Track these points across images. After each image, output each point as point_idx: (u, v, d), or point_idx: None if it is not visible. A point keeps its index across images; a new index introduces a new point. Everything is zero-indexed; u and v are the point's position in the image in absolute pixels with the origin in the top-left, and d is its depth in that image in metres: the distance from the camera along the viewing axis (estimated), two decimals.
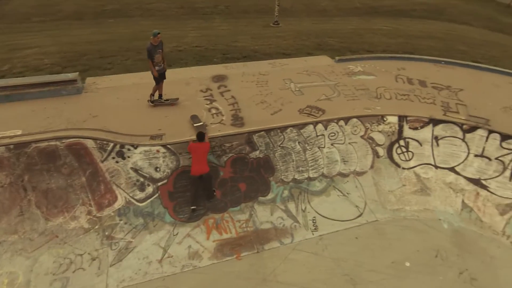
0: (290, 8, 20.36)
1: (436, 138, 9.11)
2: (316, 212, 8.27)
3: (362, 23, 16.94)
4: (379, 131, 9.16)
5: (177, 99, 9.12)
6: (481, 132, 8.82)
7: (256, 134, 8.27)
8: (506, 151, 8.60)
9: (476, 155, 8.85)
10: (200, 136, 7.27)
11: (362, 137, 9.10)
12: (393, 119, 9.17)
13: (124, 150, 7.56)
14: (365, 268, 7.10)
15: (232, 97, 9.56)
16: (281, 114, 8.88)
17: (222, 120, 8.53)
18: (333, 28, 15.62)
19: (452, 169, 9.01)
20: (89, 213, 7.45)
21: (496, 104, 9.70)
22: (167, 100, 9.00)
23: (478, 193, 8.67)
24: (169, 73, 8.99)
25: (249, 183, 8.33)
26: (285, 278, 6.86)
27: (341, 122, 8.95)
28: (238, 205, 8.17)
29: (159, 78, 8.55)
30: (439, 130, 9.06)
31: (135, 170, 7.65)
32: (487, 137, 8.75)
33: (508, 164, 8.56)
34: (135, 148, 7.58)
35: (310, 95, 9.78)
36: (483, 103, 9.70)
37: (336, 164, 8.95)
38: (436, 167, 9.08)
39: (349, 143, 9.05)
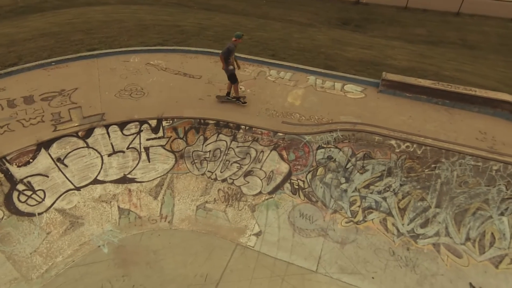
0: None
1: (60, 160, 7.72)
2: None
3: None
4: None
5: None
6: (99, 131, 8.10)
7: None
8: (130, 137, 8.34)
9: (110, 155, 8.21)
10: None
11: None
12: None
13: None
14: None
15: None
16: None
17: None
18: None
19: (96, 181, 8.07)
20: None
21: (112, 89, 9.23)
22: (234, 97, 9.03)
23: (129, 190, 8.23)
24: None
25: None
26: None
27: None
28: None
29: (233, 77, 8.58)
30: (57, 150, 7.66)
31: None
32: (108, 133, 8.16)
33: (140, 148, 8.42)
34: None
35: None
36: (100, 96, 8.99)
37: None
38: (78, 188, 7.88)
39: None
